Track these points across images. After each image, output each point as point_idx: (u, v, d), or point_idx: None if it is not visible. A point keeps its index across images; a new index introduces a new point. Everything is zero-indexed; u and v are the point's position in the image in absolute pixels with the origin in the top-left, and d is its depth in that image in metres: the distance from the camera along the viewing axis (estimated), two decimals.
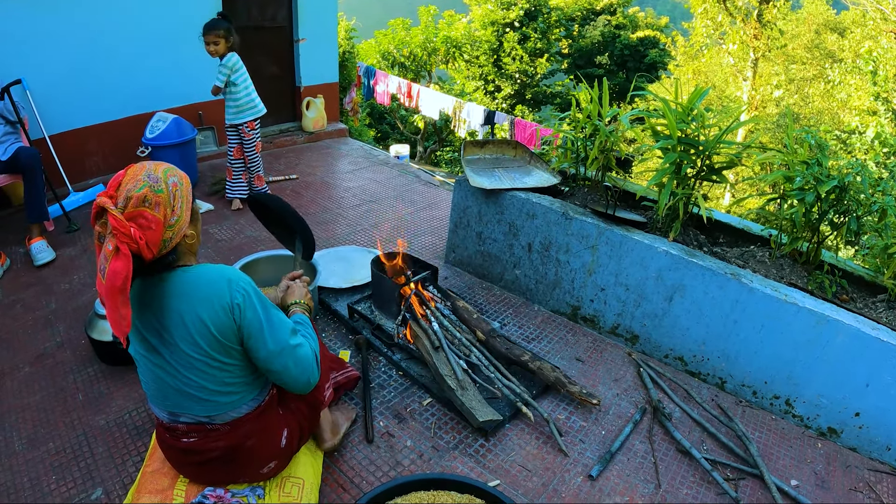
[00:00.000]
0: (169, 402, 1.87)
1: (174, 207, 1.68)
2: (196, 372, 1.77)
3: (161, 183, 1.65)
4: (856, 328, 2.55)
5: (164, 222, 1.65)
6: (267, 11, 6.52)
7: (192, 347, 1.73)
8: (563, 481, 2.45)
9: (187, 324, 1.71)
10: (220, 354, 1.77)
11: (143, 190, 1.61)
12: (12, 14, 4.68)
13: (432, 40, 18.14)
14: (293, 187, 5.64)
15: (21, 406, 2.87)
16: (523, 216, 3.52)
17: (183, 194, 1.72)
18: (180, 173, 1.76)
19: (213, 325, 1.71)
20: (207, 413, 1.87)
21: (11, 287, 3.94)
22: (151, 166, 1.69)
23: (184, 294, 1.73)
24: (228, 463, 1.99)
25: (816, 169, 2.85)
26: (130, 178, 1.64)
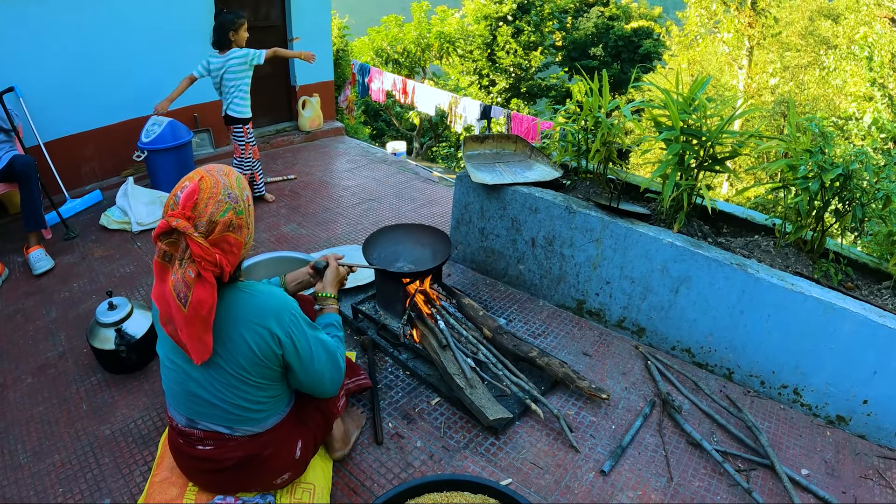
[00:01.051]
0: (191, 409, 1.86)
1: (250, 224, 1.69)
2: (232, 389, 1.77)
3: (240, 202, 1.64)
4: (863, 316, 2.55)
5: (244, 243, 1.67)
6: (260, 11, 6.50)
7: (233, 366, 1.73)
8: (575, 478, 2.45)
9: (233, 343, 1.70)
10: (259, 375, 1.78)
11: (227, 214, 1.59)
12: (2, 21, 4.66)
13: (426, 36, 18.13)
14: (292, 187, 5.63)
15: (25, 418, 2.85)
16: (526, 211, 3.51)
17: (248, 210, 1.70)
18: (243, 179, 1.72)
19: (258, 348, 1.71)
20: (230, 424, 1.86)
21: (11, 297, 3.91)
22: (225, 180, 1.64)
23: (233, 316, 1.71)
24: (242, 472, 1.97)
25: (820, 157, 2.84)
26: (209, 197, 1.59)
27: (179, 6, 5.68)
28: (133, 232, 4.72)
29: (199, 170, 1.66)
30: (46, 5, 4.86)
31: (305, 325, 1.83)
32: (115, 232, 4.75)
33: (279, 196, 5.40)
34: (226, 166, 1.72)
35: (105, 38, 5.29)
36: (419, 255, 3.34)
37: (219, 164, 1.72)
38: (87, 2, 5.09)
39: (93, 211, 5.15)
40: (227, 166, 1.72)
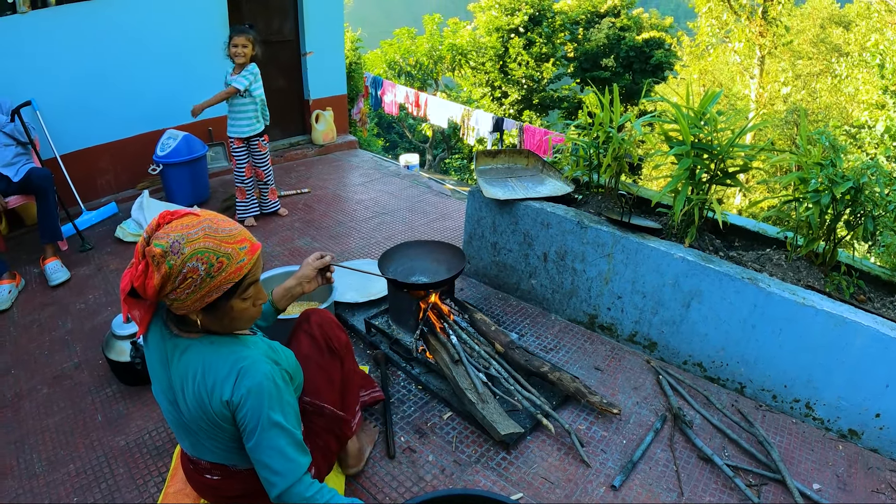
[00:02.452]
0: (188, 444, 1.87)
1: (177, 287, 1.54)
2: (207, 431, 1.75)
3: (177, 257, 1.51)
4: (874, 329, 2.54)
5: (156, 287, 1.53)
6: (273, 25, 6.58)
7: (197, 412, 1.69)
8: (585, 492, 2.45)
9: (192, 393, 1.67)
10: (219, 432, 1.74)
11: (157, 249, 1.50)
12: (20, 34, 4.76)
13: (438, 48, 18.26)
14: (305, 201, 5.68)
15: (40, 428, 2.90)
16: (538, 226, 3.53)
17: (198, 286, 1.55)
18: (221, 267, 1.57)
19: (212, 406, 1.66)
20: (232, 463, 1.87)
21: (27, 307, 3.97)
22: (197, 233, 1.55)
23: (192, 365, 1.67)
24: (251, 499, 1.97)
25: (831, 170, 2.85)
26: (172, 227, 1.56)
27: (193, 23, 5.77)
28: None
29: (210, 213, 1.64)
30: (63, 21, 4.96)
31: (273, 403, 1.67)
32: (130, 244, 4.82)
33: (293, 209, 5.45)
34: (233, 234, 1.62)
35: (120, 53, 5.38)
36: (434, 270, 3.37)
37: (232, 229, 1.63)
38: (102, 18, 5.19)
39: (108, 223, 5.22)
40: (233, 236, 1.61)
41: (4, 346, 3.58)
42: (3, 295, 3.98)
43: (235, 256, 1.59)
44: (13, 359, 3.45)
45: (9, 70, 4.77)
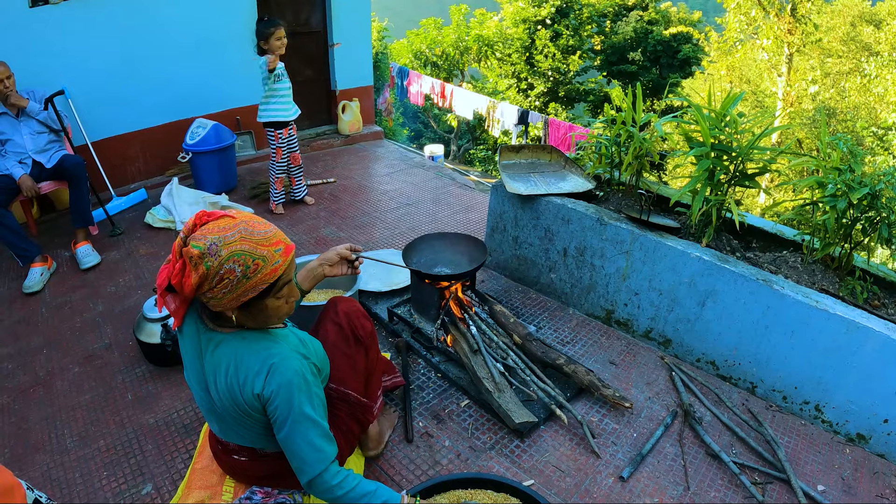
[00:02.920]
0: (217, 428, 1.97)
1: (213, 287, 1.60)
2: (237, 419, 1.83)
3: (215, 259, 1.57)
4: (885, 335, 2.57)
5: (194, 286, 1.59)
6: (301, 16, 6.67)
7: (229, 402, 1.77)
8: (594, 482, 2.54)
9: (224, 384, 1.75)
10: (250, 420, 1.82)
11: (195, 251, 1.57)
12: (52, 25, 4.90)
13: (464, 39, 18.24)
14: (331, 191, 5.77)
15: (72, 405, 3.02)
16: (559, 221, 3.60)
17: (234, 286, 1.61)
18: (256, 269, 1.63)
19: (243, 398, 1.75)
20: (260, 446, 1.96)
21: (59, 290, 4.11)
22: (234, 236, 1.61)
23: (224, 359, 1.75)
24: (276, 480, 2.07)
25: (848, 175, 2.88)
26: (209, 229, 1.62)
27: (222, 13, 5.87)
28: (177, 231, 4.89)
29: (247, 214, 1.71)
30: (93, 11, 5.09)
31: (301, 397, 1.74)
32: (159, 230, 4.94)
33: (319, 199, 5.55)
34: (268, 236, 1.68)
35: (150, 42, 5.51)
36: (457, 262, 3.45)
37: (268, 231, 1.69)
38: (133, 8, 5.31)
39: (137, 209, 5.36)
40: (268, 239, 1.67)
41: (37, 326, 3.70)
42: (36, 277, 4.11)
43: (271, 259, 1.65)
44: (45, 339, 3.57)
45: (42, 60, 4.91)
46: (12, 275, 4.29)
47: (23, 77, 4.47)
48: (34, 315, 3.82)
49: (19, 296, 4.03)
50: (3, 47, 4.61)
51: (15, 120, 4.33)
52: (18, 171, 4.24)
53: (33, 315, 3.82)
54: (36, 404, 3.03)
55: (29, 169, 4.36)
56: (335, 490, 1.74)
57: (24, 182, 4.21)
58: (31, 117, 4.38)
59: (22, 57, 4.66)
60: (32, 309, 3.89)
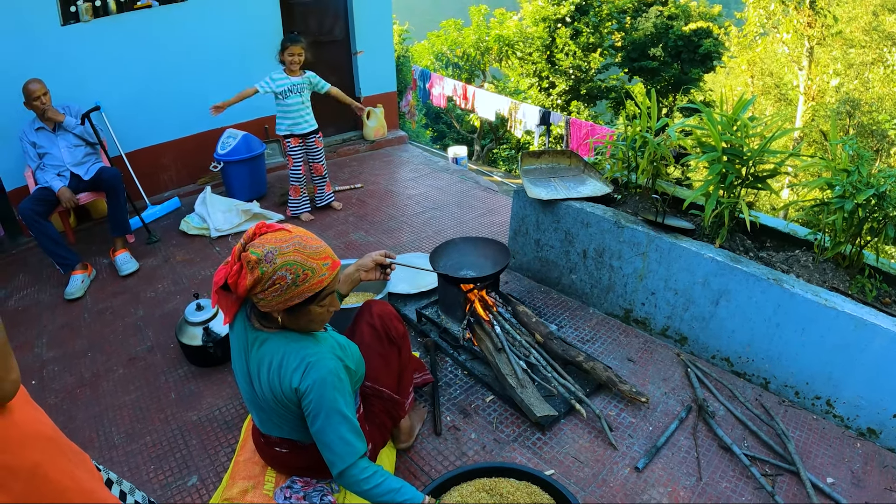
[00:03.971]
0: (259, 420, 2.14)
1: (266, 289, 1.77)
2: (277, 411, 2.00)
3: (270, 266, 1.75)
4: (894, 332, 2.63)
5: (249, 287, 1.77)
6: (325, 26, 6.84)
7: (270, 395, 1.94)
8: (611, 472, 2.67)
9: (266, 379, 1.92)
10: (291, 414, 1.99)
11: (253, 256, 1.76)
12: (84, 41, 5.12)
13: (485, 39, 18.29)
14: (359, 196, 5.92)
15: (118, 404, 3.20)
16: (578, 224, 3.74)
17: (284, 291, 1.78)
18: (305, 278, 1.80)
19: (283, 391, 1.90)
20: (300, 438, 2.12)
21: (100, 296, 4.29)
22: (285, 248, 1.78)
23: (268, 355, 1.91)
24: (315, 471, 2.22)
25: (855, 177, 2.98)
26: (266, 239, 1.80)
27: (248, 26, 6.04)
28: (211, 237, 5.07)
29: (300, 230, 1.89)
30: (124, 28, 5.32)
31: (335, 394, 1.89)
32: (194, 237, 5.12)
33: (347, 204, 5.69)
34: (318, 251, 1.85)
35: (179, 56, 5.71)
36: (481, 265, 3.58)
37: (318, 246, 1.86)
38: (161, 24, 5.51)
39: (172, 217, 5.55)
40: (318, 253, 1.84)
41: (80, 330, 3.89)
42: (77, 284, 4.31)
43: (318, 271, 1.83)
44: (89, 342, 3.76)
45: (75, 75, 5.12)
46: (54, 282, 4.50)
47: (58, 93, 4.65)
48: (77, 320, 4.01)
49: (61, 302, 4.23)
50: (38, 64, 4.82)
51: (52, 134, 4.53)
52: (57, 184, 4.43)
53: (76, 320, 4.01)
54: (83, 404, 3.21)
55: (67, 181, 4.55)
56: (362, 484, 1.88)
57: (62, 194, 4.39)
58: (68, 131, 4.57)
59: (56, 73, 4.86)
60: (75, 315, 4.08)
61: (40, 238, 4.28)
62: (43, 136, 4.52)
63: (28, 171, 4.73)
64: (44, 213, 4.32)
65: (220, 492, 2.46)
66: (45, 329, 3.93)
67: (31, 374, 3.48)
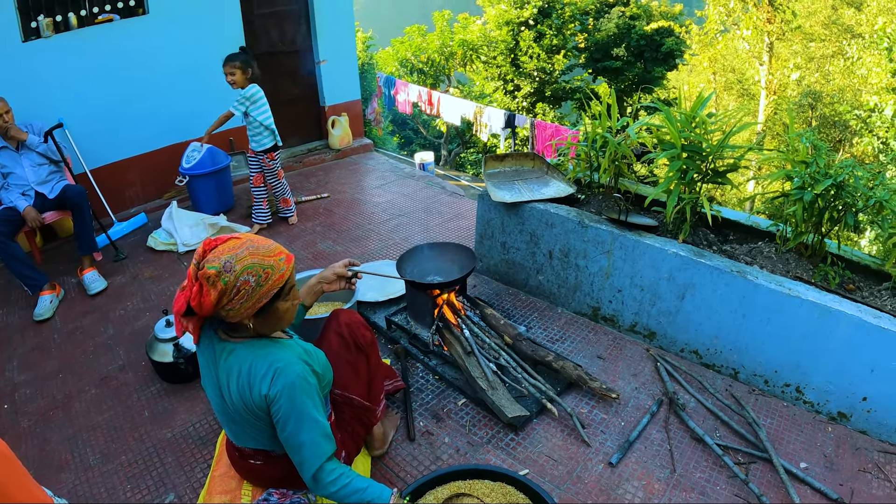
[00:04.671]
0: (232, 433, 2.13)
1: (232, 299, 1.79)
2: (249, 421, 2.00)
3: (231, 275, 1.77)
4: (857, 317, 2.68)
5: (215, 303, 1.79)
6: (287, 36, 6.79)
7: (240, 404, 1.94)
8: (585, 469, 2.68)
9: (236, 388, 1.92)
10: (261, 422, 1.99)
11: (211, 270, 1.76)
12: (46, 58, 5.02)
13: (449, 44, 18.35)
14: (325, 206, 5.89)
15: (91, 425, 3.14)
16: (543, 226, 3.75)
17: (250, 295, 1.81)
18: (267, 277, 1.83)
19: (252, 399, 1.91)
20: (272, 448, 2.11)
21: (69, 316, 4.22)
22: (243, 252, 1.81)
23: (235, 365, 1.92)
24: (290, 481, 2.21)
25: (814, 168, 3.03)
26: (220, 251, 1.81)
27: (210, 39, 5.98)
28: (179, 253, 5.01)
29: (248, 234, 1.92)
30: (85, 43, 5.23)
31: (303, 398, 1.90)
32: (162, 253, 5.05)
33: (314, 214, 5.67)
34: (271, 249, 1.88)
35: (141, 71, 5.63)
36: (448, 270, 3.58)
37: (269, 245, 1.90)
38: (123, 39, 5.44)
39: (139, 233, 5.47)
40: (271, 251, 1.88)
41: (50, 352, 3.82)
42: (45, 305, 4.22)
43: (277, 267, 1.87)
44: (59, 363, 3.69)
45: (37, 92, 5.02)
46: (22, 304, 4.40)
47: (20, 110, 4.57)
48: (47, 342, 3.94)
49: (31, 324, 4.15)
50: None
51: (15, 153, 4.44)
52: (22, 203, 4.35)
53: (46, 342, 3.94)
54: (57, 426, 3.15)
55: (32, 200, 4.46)
56: (330, 486, 1.89)
57: (28, 213, 4.32)
58: (31, 150, 4.49)
59: (18, 90, 4.75)
60: (45, 336, 4.01)
61: (7, 259, 4.20)
62: (6, 155, 4.44)
63: None
64: (9, 234, 4.24)
65: None
66: (16, 352, 3.86)
67: (3, 398, 3.42)
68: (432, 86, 18.20)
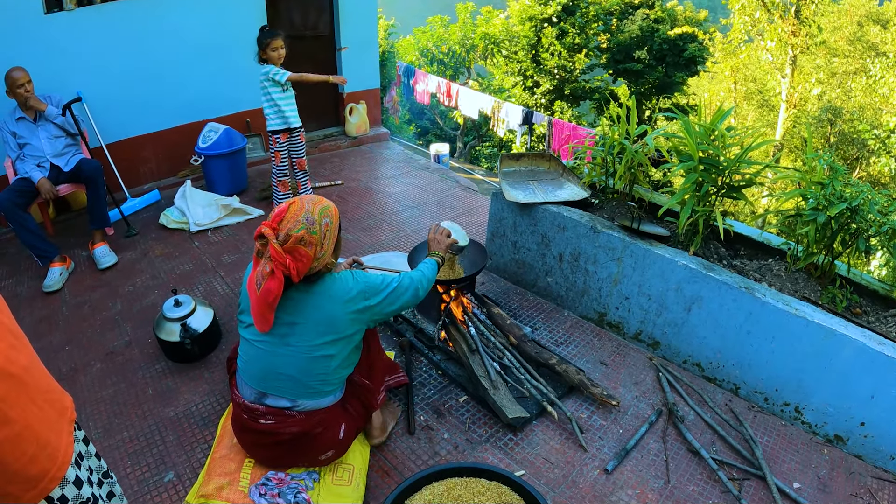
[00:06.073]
0: (266, 383, 2.25)
1: (323, 245, 2.10)
2: (313, 361, 2.19)
3: (316, 225, 2.06)
4: (861, 343, 2.68)
5: (313, 256, 2.06)
6: (309, 21, 6.80)
7: (317, 337, 2.16)
8: (581, 474, 2.71)
9: (319, 318, 2.17)
10: (337, 345, 2.22)
11: (300, 231, 2.01)
12: (67, 30, 5.05)
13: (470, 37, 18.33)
14: (339, 193, 5.91)
15: (95, 399, 3.18)
16: (555, 228, 3.76)
17: (332, 233, 2.16)
18: (332, 212, 2.19)
19: (345, 306, 2.20)
20: (296, 398, 2.26)
21: (78, 289, 4.26)
22: (310, 207, 2.10)
23: (318, 295, 2.18)
24: (295, 447, 2.31)
25: (829, 190, 3.03)
26: (292, 216, 2.06)
27: (231, 19, 6.00)
28: (191, 232, 5.04)
29: (297, 198, 2.13)
30: (107, 18, 5.25)
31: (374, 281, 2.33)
32: (173, 231, 5.09)
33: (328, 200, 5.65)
34: (319, 197, 2.19)
35: (162, 48, 5.65)
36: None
37: (314, 195, 2.20)
38: (145, 15, 5.45)
39: (151, 210, 5.51)
40: (320, 197, 2.20)
41: (58, 324, 3.86)
42: (55, 277, 4.26)
43: (330, 205, 2.20)
44: (66, 336, 3.73)
45: (58, 65, 5.05)
46: (31, 274, 4.45)
47: (39, 82, 4.60)
48: (55, 314, 3.98)
49: (40, 295, 4.19)
50: (21, 53, 4.74)
51: (33, 124, 4.48)
52: (37, 175, 4.38)
53: (54, 314, 3.98)
54: None
55: (47, 172, 4.51)
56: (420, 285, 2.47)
57: (42, 185, 4.35)
58: (49, 121, 4.53)
59: (38, 62, 4.78)
60: (53, 308, 4.05)
61: (19, 230, 4.23)
62: (24, 126, 4.47)
63: (7, 162, 4.68)
64: (23, 205, 4.28)
65: (197, 488, 2.49)
66: (24, 322, 3.87)
67: None
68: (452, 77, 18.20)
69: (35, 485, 1.35)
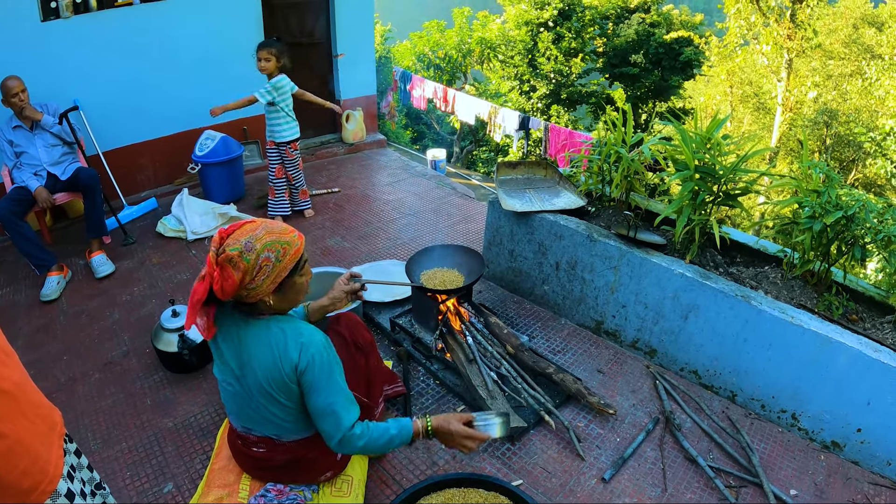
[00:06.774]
0: (243, 419, 2.17)
1: (254, 277, 1.89)
2: (266, 408, 2.07)
3: (252, 254, 1.87)
4: (857, 350, 2.70)
5: (239, 283, 1.88)
6: (306, 28, 6.80)
7: (262, 385, 2.01)
8: (578, 483, 2.72)
9: (258, 367, 1.99)
10: (283, 397, 2.04)
11: (234, 252, 1.86)
12: (64, 38, 5.03)
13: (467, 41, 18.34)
14: (336, 200, 5.90)
15: (94, 409, 3.18)
16: (552, 237, 3.77)
17: (274, 272, 1.92)
18: (285, 251, 1.95)
19: (283, 370, 1.97)
20: (278, 434, 2.17)
21: (75, 298, 4.25)
22: (261, 233, 1.92)
23: (260, 343, 1.99)
24: (291, 470, 2.28)
25: (825, 199, 3.04)
26: (240, 234, 1.92)
27: (228, 27, 5.99)
28: (188, 240, 5.04)
29: (262, 220, 2.01)
30: (104, 25, 5.23)
31: (330, 365, 2.01)
32: (170, 239, 5.08)
33: (324, 209, 5.68)
34: (286, 229, 2.00)
35: (159, 55, 5.63)
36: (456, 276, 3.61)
37: (284, 225, 2.03)
38: (142, 22, 5.43)
39: (149, 218, 5.49)
40: (288, 230, 2.01)
41: (55, 334, 3.85)
42: (52, 286, 4.25)
43: (293, 242, 1.98)
44: (64, 346, 3.73)
45: (54, 73, 5.04)
46: (29, 283, 4.44)
47: (36, 90, 4.60)
48: (52, 323, 3.97)
49: (37, 304, 4.18)
50: (17, 61, 4.72)
51: (29, 133, 4.48)
52: (34, 183, 4.37)
53: (52, 323, 3.97)
54: (59, 408, 3.13)
55: (44, 181, 4.49)
56: (357, 442, 2.00)
57: (39, 194, 4.34)
58: (46, 130, 4.52)
59: (35, 70, 4.77)
60: (50, 317, 4.04)
61: (16, 238, 4.22)
62: (20, 134, 4.47)
63: (4, 170, 4.67)
64: (20, 213, 4.27)
65: (196, 499, 2.47)
66: (21, 331, 3.87)
67: None
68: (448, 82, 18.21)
69: (26, 498, 1.37)
